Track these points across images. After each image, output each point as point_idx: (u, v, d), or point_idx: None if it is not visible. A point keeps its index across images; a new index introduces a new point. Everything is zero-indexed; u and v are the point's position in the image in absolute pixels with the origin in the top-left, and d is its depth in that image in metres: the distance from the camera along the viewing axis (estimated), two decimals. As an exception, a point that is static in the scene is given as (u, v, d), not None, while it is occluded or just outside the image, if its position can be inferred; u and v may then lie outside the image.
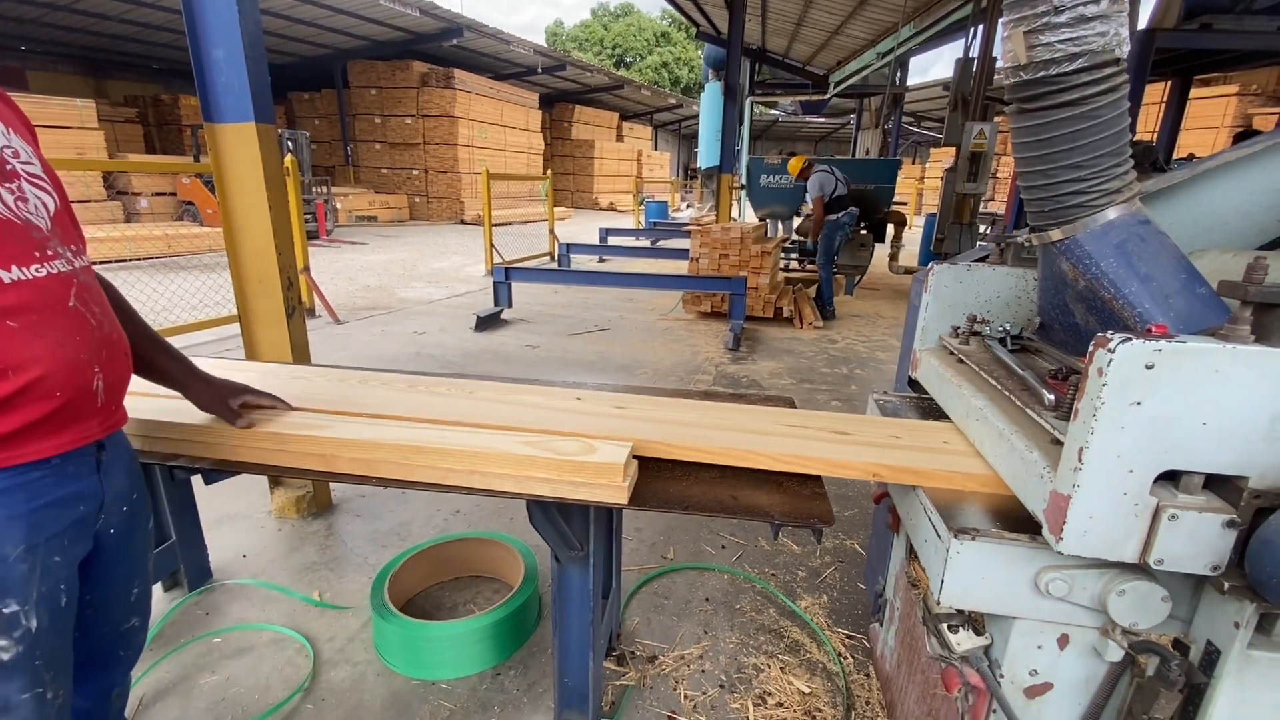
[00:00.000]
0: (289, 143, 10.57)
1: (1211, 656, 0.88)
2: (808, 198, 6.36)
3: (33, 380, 0.82)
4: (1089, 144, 1.01)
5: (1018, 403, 1.10)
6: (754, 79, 14.52)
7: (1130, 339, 0.77)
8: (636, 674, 1.78)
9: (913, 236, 12.16)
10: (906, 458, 1.17)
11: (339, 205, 13.05)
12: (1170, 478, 0.84)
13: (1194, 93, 11.15)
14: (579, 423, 1.35)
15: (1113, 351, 0.78)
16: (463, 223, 15.23)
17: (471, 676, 1.76)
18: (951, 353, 1.47)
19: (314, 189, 11.20)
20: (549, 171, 10.54)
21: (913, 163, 27.06)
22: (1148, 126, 8.30)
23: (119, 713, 1.18)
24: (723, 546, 2.42)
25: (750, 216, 9.73)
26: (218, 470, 1.27)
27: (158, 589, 2.03)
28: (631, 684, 1.74)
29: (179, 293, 5.85)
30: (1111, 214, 1.05)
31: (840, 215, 6.24)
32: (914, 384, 1.67)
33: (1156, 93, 8.43)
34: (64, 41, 13.66)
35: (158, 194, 11.09)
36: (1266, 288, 0.76)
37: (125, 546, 1.05)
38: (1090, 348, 0.82)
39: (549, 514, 1.24)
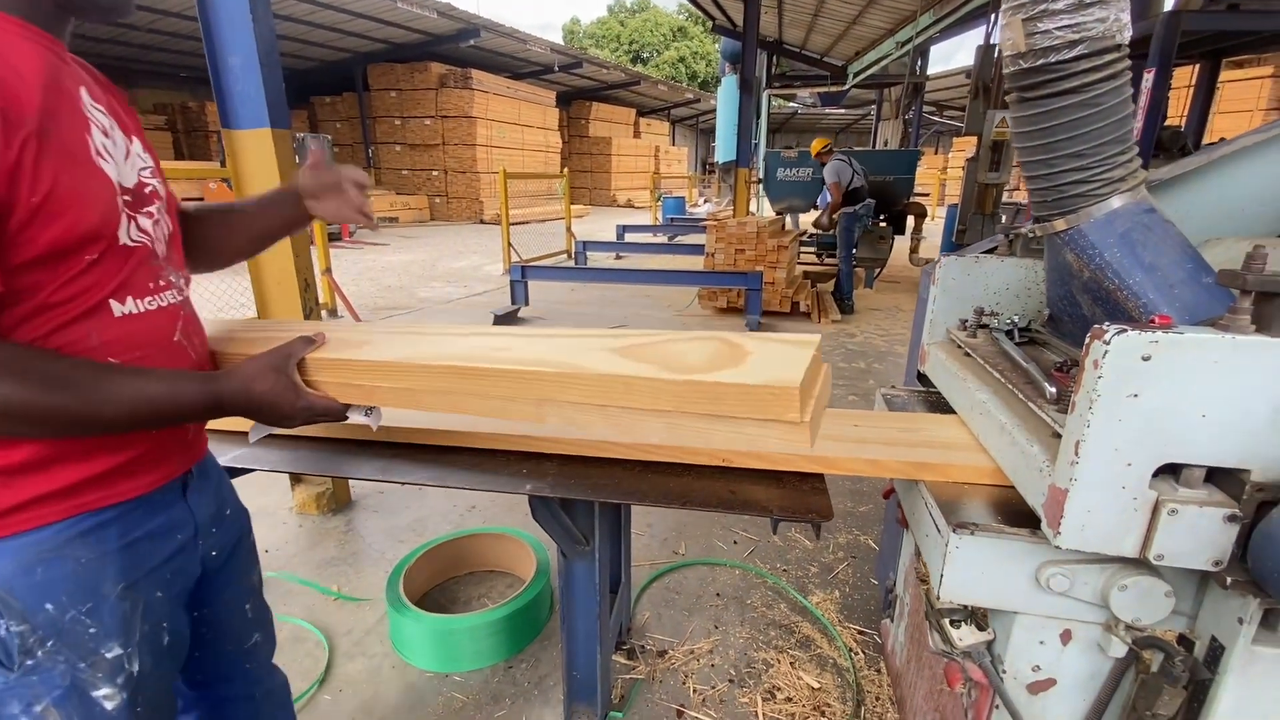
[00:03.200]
0: (311, 146, 10.76)
1: (1216, 653, 0.87)
2: (825, 184, 6.31)
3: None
4: (1091, 132, 1.00)
5: (1020, 396, 1.08)
6: (771, 71, 14.40)
7: (1126, 331, 0.76)
8: (646, 668, 1.79)
9: (934, 228, 11.96)
10: (908, 453, 1.17)
11: (360, 207, 13.24)
12: (1171, 471, 0.82)
13: (1226, 75, 10.78)
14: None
15: (1108, 344, 0.77)
16: (482, 222, 15.37)
17: (484, 669, 1.79)
18: (958, 346, 1.46)
19: (336, 191, 11.38)
20: (565, 170, 10.61)
21: (935, 153, 26.59)
22: (1178, 111, 8.05)
23: (272, 714, 1.17)
24: (735, 542, 2.42)
25: (769, 211, 9.66)
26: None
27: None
28: (641, 678, 1.76)
29: (205, 295, 6.02)
30: (1116, 203, 1.03)
31: (858, 207, 6.17)
32: (923, 378, 1.66)
33: (1186, 76, 8.17)
34: (94, 52, 14.05)
35: (186, 199, 11.33)
36: (1265, 276, 0.74)
37: (229, 567, 1.01)
38: (1086, 340, 0.81)
39: (551, 508, 1.26)
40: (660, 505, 1.14)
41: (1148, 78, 4.98)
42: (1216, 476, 0.82)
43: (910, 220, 8.02)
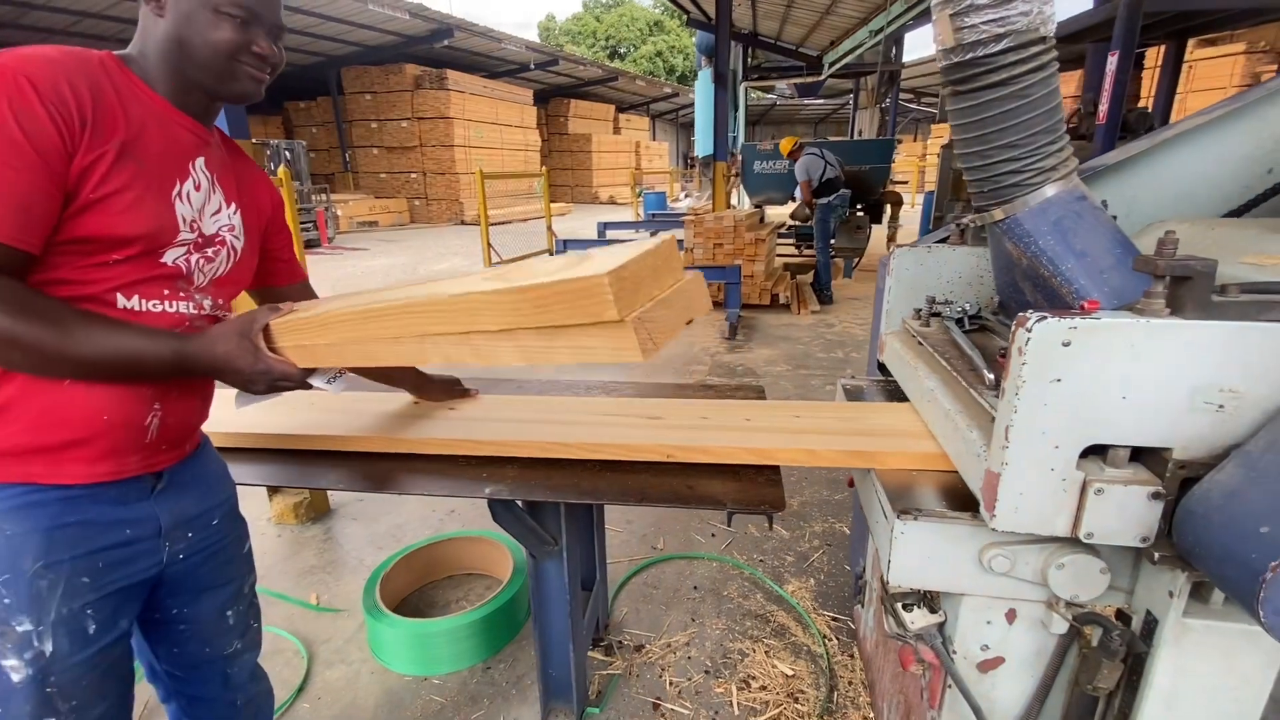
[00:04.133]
0: (286, 154, 10.64)
1: (1150, 626, 0.90)
2: (797, 178, 6.35)
3: (81, 403, 0.83)
4: (1021, 123, 1.02)
5: (964, 383, 1.11)
6: (748, 64, 14.40)
7: (1046, 318, 0.79)
8: (623, 663, 1.81)
9: (914, 216, 12.06)
10: (845, 442, 1.19)
11: (339, 212, 13.12)
12: (1099, 452, 0.85)
13: (1199, 53, 10.92)
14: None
15: (1030, 331, 0.79)
16: (463, 223, 15.28)
17: (462, 671, 1.80)
18: (912, 335, 1.48)
19: (313, 197, 11.28)
20: (544, 168, 10.59)
21: (914, 139, 26.76)
22: (1149, 93, 8.16)
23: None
24: (713, 535, 2.45)
25: (749, 204, 9.69)
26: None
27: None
28: (618, 673, 1.78)
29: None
30: (1049, 191, 1.05)
31: (832, 198, 6.21)
32: (883, 367, 1.68)
33: (1155, 57, 8.28)
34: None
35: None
36: (1176, 261, 0.76)
37: (203, 572, 1.03)
38: (1012, 327, 0.83)
39: (514, 510, 1.27)
40: (618, 503, 1.16)
41: (1111, 60, 5.04)
42: (1143, 456, 0.85)
43: (888, 209, 8.09)
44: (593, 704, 1.67)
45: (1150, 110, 6.89)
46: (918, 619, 1.08)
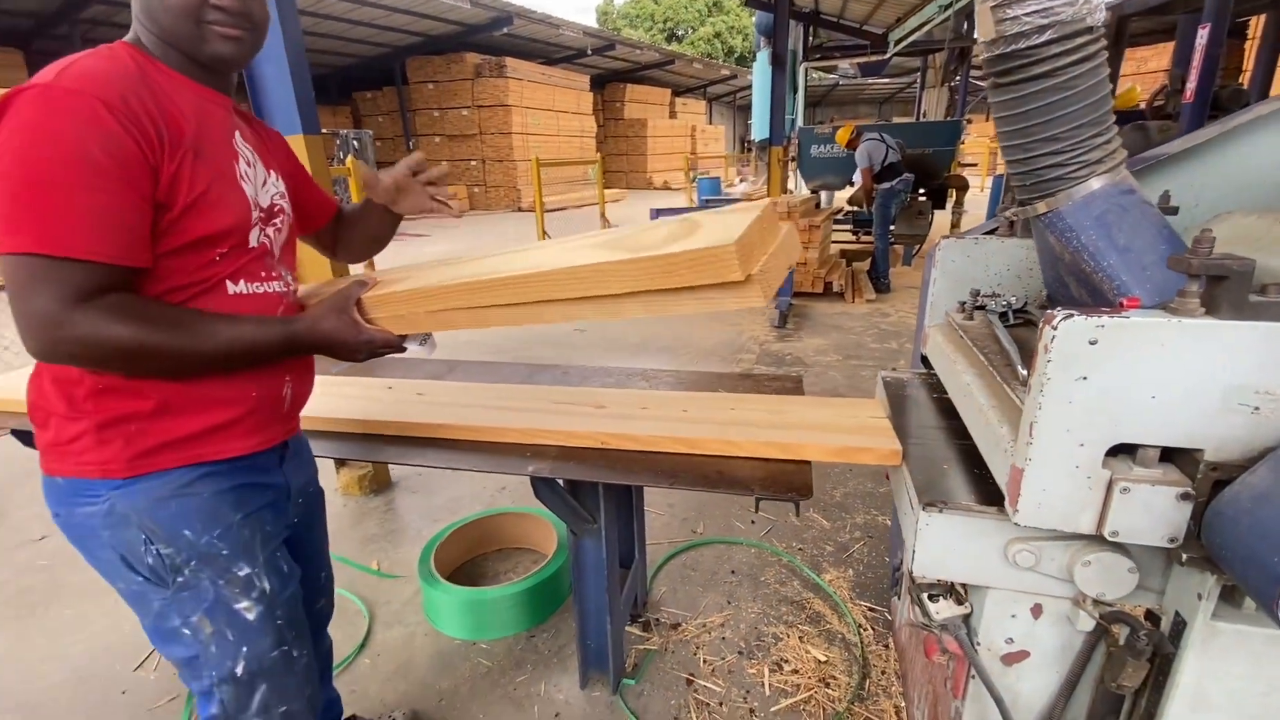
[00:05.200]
0: (354, 143, 11.10)
1: (1179, 627, 0.89)
2: (857, 164, 6.17)
3: (233, 384, 0.91)
4: (1065, 115, 1.00)
5: (999, 378, 1.11)
6: (808, 43, 13.98)
7: (1073, 315, 0.79)
8: (660, 640, 1.88)
9: (982, 201, 11.51)
10: (872, 439, 1.21)
11: (403, 199, 13.59)
12: (1129, 451, 0.85)
13: (1311, 21, 9.90)
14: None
15: (1055, 329, 0.80)
16: (519, 210, 15.57)
17: (509, 638, 1.92)
18: (955, 328, 1.47)
19: (379, 185, 11.72)
20: (599, 155, 10.67)
21: (986, 120, 25.38)
22: (1248, 66, 7.50)
23: (325, 668, 1.35)
24: (752, 522, 2.48)
25: (805, 190, 9.49)
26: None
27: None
28: (654, 649, 1.85)
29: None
30: (1094, 184, 1.03)
31: (894, 183, 6.01)
32: (926, 360, 1.67)
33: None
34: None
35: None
36: (1211, 260, 0.75)
37: (309, 535, 1.18)
38: (1040, 324, 0.83)
39: (555, 488, 1.35)
40: (650, 484, 1.22)
41: (1202, 34, 4.66)
42: (1175, 456, 0.84)
43: (952, 194, 7.77)
44: (629, 676, 1.75)
45: (1246, 87, 6.33)
46: (943, 610, 1.09)
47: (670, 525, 2.47)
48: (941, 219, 7.85)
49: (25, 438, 1.69)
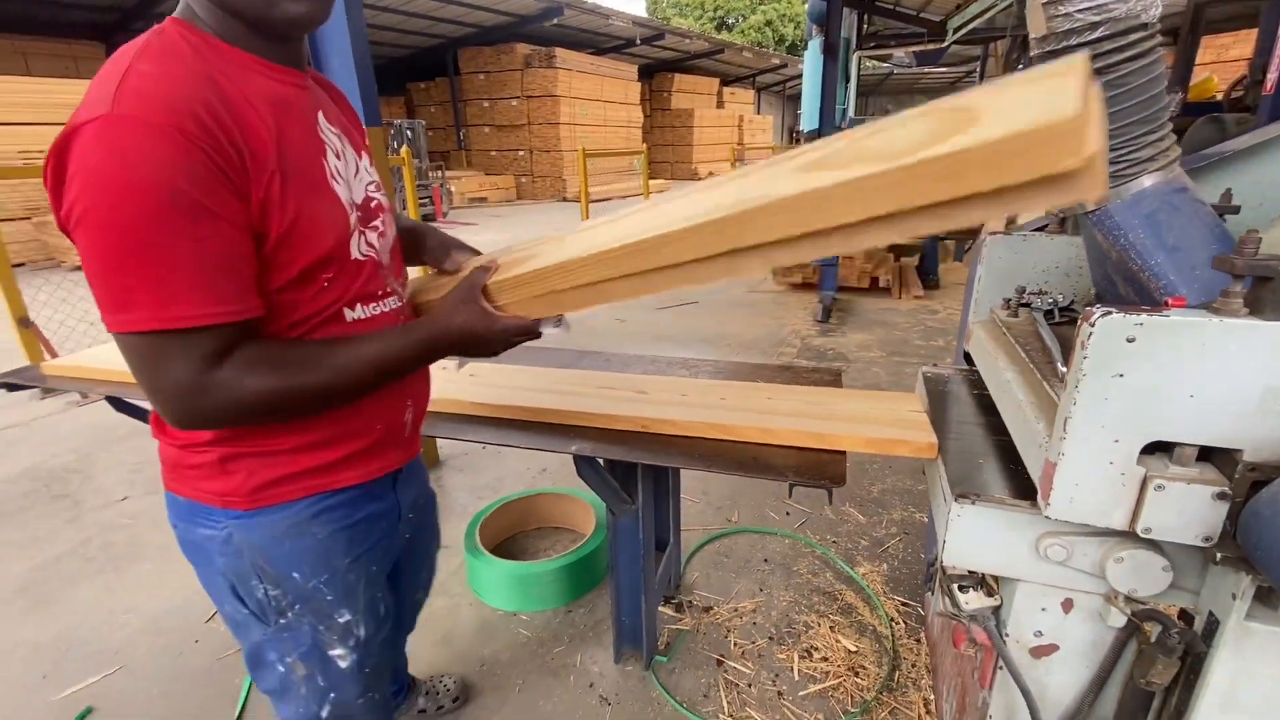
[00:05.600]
0: (407, 132, 11.40)
1: (1212, 627, 0.89)
2: None
3: (359, 417, 0.87)
4: (1117, 113, 0.99)
5: (1038, 374, 1.11)
6: (862, 31, 13.61)
7: (1111, 313, 0.80)
8: (692, 621, 1.94)
9: (1041, 195, 11.05)
10: (908, 432, 1.23)
11: (453, 189, 13.93)
12: (1166, 450, 0.85)
13: None
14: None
15: (1093, 325, 0.81)
16: (565, 200, 15.73)
17: (548, 611, 2.00)
18: (998, 325, 1.46)
19: (430, 174, 12.04)
20: (645, 145, 10.69)
21: (1050, 110, 24.19)
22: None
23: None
24: (787, 514, 2.51)
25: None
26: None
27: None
28: (686, 629, 1.91)
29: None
30: (1146, 182, 1.02)
31: None
32: (969, 357, 1.67)
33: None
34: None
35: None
36: (1255, 260, 0.75)
37: (418, 545, 1.21)
38: (1079, 322, 0.84)
39: (595, 468, 1.41)
40: (687, 467, 1.27)
41: (1289, 20, 4.35)
42: (1213, 456, 0.84)
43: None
44: (661, 653, 1.81)
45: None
46: (973, 600, 1.11)
47: (705, 513, 2.52)
48: (996, 214, 7.59)
49: (119, 404, 1.86)
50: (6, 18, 10.51)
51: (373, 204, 0.89)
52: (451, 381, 1.64)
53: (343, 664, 0.95)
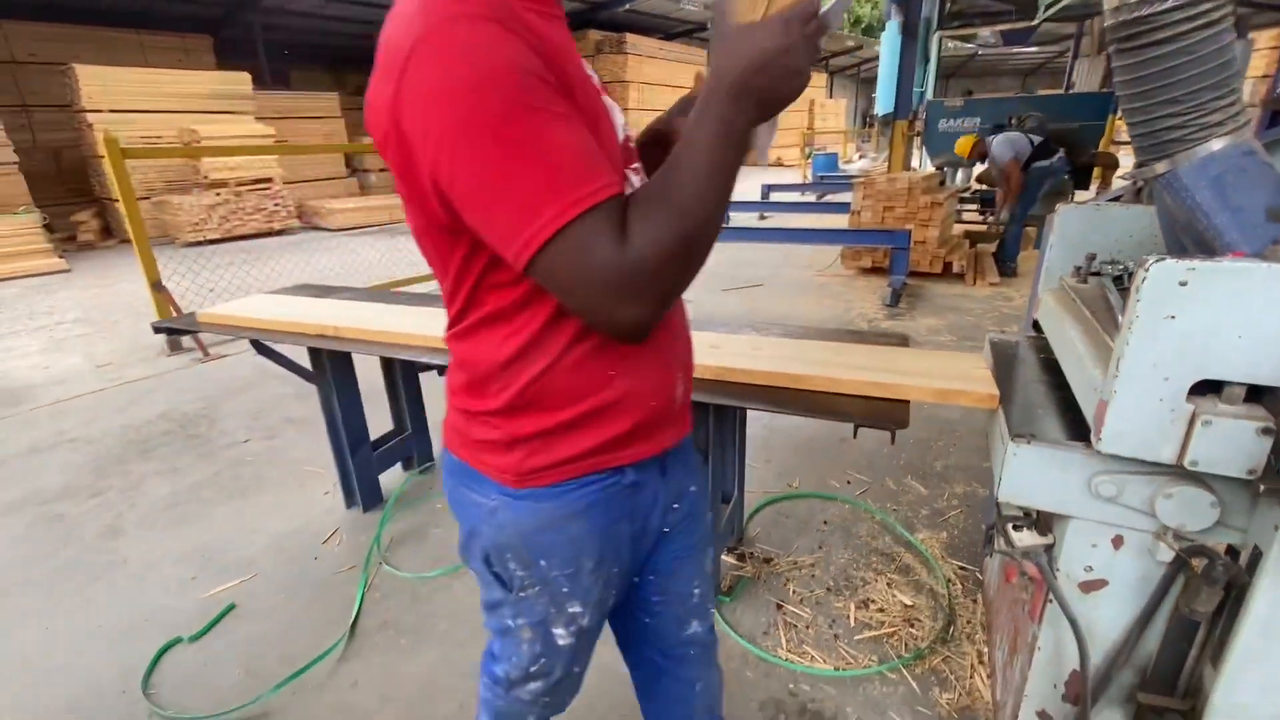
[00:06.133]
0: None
1: (1256, 558, 0.95)
2: (997, 163, 5.69)
3: (631, 388, 0.81)
4: (1186, 79, 1.05)
5: (1101, 330, 1.18)
6: (945, 10, 13.05)
7: (1165, 259, 0.87)
8: (753, 569, 2.07)
9: (1136, 182, 10.37)
10: (971, 384, 1.31)
11: (523, 173, 14.32)
12: (1214, 388, 0.92)
13: None
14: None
15: (1147, 270, 0.88)
16: (631, 185, 15.89)
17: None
18: (1067, 291, 1.51)
19: (503, 159, 12.45)
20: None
21: (1153, 92, 22.43)
22: None
23: (708, 708, 1.22)
24: (848, 482, 2.59)
25: (929, 167, 9.03)
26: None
27: (397, 467, 2.72)
28: (747, 576, 2.04)
29: (402, 253, 7.09)
30: (1214, 145, 1.07)
31: (1053, 160, 5.54)
32: (1038, 325, 1.71)
33: None
34: (314, 44, 16.39)
35: (383, 170, 13.10)
36: (1308, 210, 0.81)
37: (680, 543, 1.03)
38: (1135, 269, 0.92)
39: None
40: (759, 409, 1.39)
41: None
42: (1263, 395, 0.90)
43: (1099, 173, 7.12)
44: (724, 594, 1.95)
45: None
46: (1025, 538, 1.20)
47: (766, 478, 2.63)
48: (1083, 199, 7.22)
49: (260, 347, 2.14)
50: (128, 12, 11.53)
51: (631, 144, 0.82)
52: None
53: (561, 642, 0.96)
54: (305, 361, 2.25)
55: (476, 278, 0.74)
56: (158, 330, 2.28)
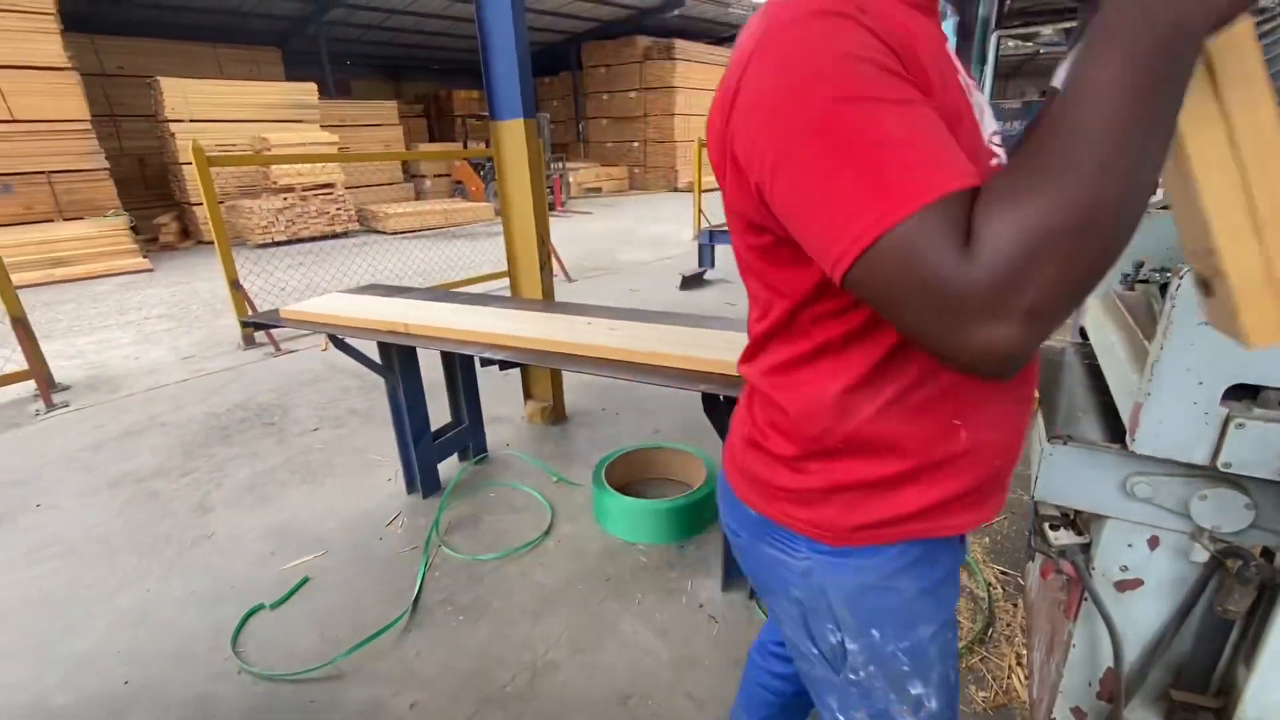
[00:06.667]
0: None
1: (1291, 560, 0.98)
2: None
3: (978, 442, 0.71)
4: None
5: (1141, 336, 1.21)
6: (1005, 9, 12.71)
7: (1198, 268, 0.91)
8: (793, 565, 2.13)
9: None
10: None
11: (571, 179, 14.62)
12: (1250, 392, 0.95)
13: None
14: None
15: (1181, 278, 0.93)
16: (675, 190, 16.00)
17: (662, 545, 2.27)
18: (1114, 298, 1.53)
19: (551, 165, 12.73)
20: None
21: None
22: None
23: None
24: (890, 485, 2.61)
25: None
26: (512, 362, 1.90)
27: (453, 457, 2.88)
28: (788, 571, 2.10)
29: (455, 256, 7.37)
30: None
31: None
32: (1084, 333, 1.73)
33: None
34: (374, 54, 17.11)
35: (438, 175, 13.58)
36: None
37: None
38: (1171, 277, 0.96)
39: (720, 409, 1.65)
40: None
41: None
42: (1300, 401, 0.93)
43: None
44: (764, 587, 2.02)
45: None
46: (1062, 537, 1.23)
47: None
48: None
49: (339, 343, 2.32)
50: (205, 26, 12.31)
51: (993, 162, 0.65)
52: (572, 328, 1.94)
53: None
54: (375, 356, 2.43)
55: (802, 303, 0.67)
56: (245, 325, 2.50)
